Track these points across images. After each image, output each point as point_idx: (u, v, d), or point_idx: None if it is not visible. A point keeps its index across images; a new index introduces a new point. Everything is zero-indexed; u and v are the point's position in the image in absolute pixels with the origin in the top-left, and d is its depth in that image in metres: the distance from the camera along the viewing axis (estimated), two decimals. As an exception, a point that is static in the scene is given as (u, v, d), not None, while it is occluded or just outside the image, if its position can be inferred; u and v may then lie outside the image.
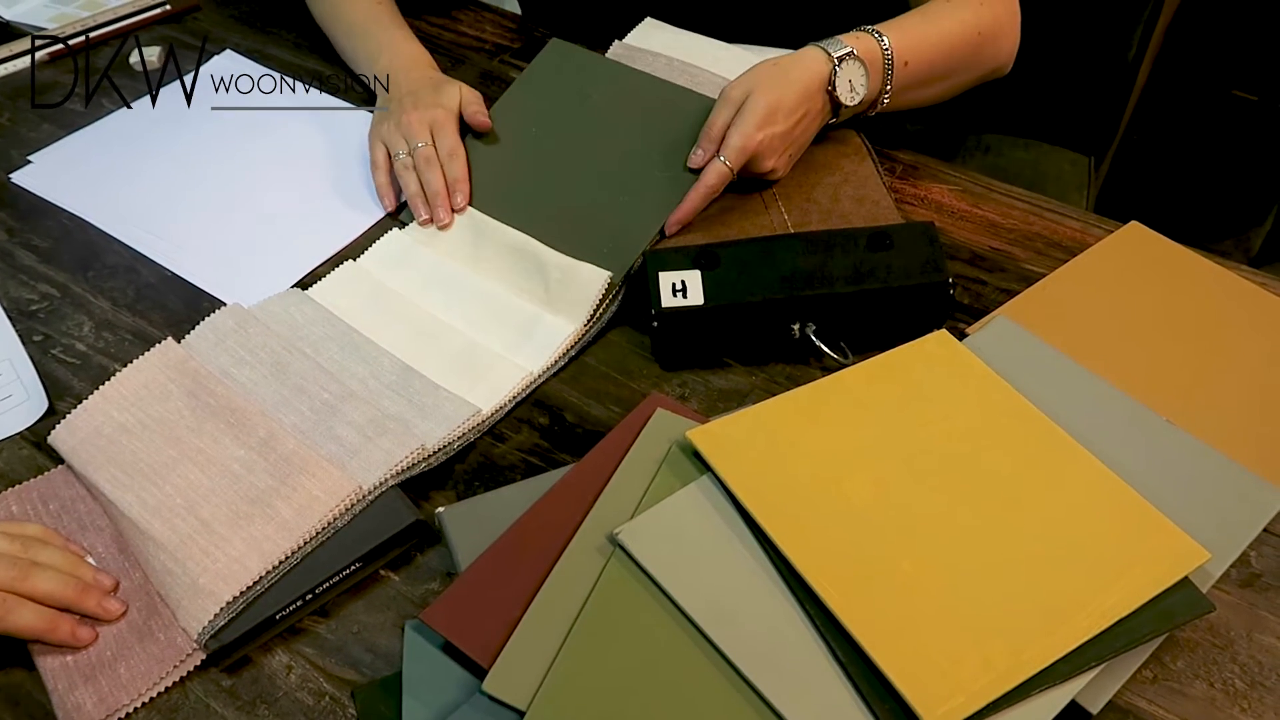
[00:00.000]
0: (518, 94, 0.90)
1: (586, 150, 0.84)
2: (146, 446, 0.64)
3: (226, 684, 0.56)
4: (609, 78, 0.89)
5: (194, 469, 0.63)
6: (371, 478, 0.61)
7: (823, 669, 0.51)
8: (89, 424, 0.66)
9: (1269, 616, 0.57)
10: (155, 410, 0.66)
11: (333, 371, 0.69)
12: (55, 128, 0.95)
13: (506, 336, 0.72)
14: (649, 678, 0.51)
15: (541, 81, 0.90)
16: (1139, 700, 0.54)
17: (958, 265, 0.79)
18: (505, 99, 0.90)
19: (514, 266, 0.77)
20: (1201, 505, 0.60)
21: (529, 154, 0.85)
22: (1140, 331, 0.72)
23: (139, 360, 0.69)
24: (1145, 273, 0.77)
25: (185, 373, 0.68)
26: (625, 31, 0.98)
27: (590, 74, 0.89)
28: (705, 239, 0.77)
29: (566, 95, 0.88)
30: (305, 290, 0.76)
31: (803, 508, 0.57)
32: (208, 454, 0.64)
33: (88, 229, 0.84)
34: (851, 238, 0.71)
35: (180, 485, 0.62)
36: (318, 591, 0.59)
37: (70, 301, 0.78)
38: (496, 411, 0.68)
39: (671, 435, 0.62)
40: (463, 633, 0.53)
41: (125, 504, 0.61)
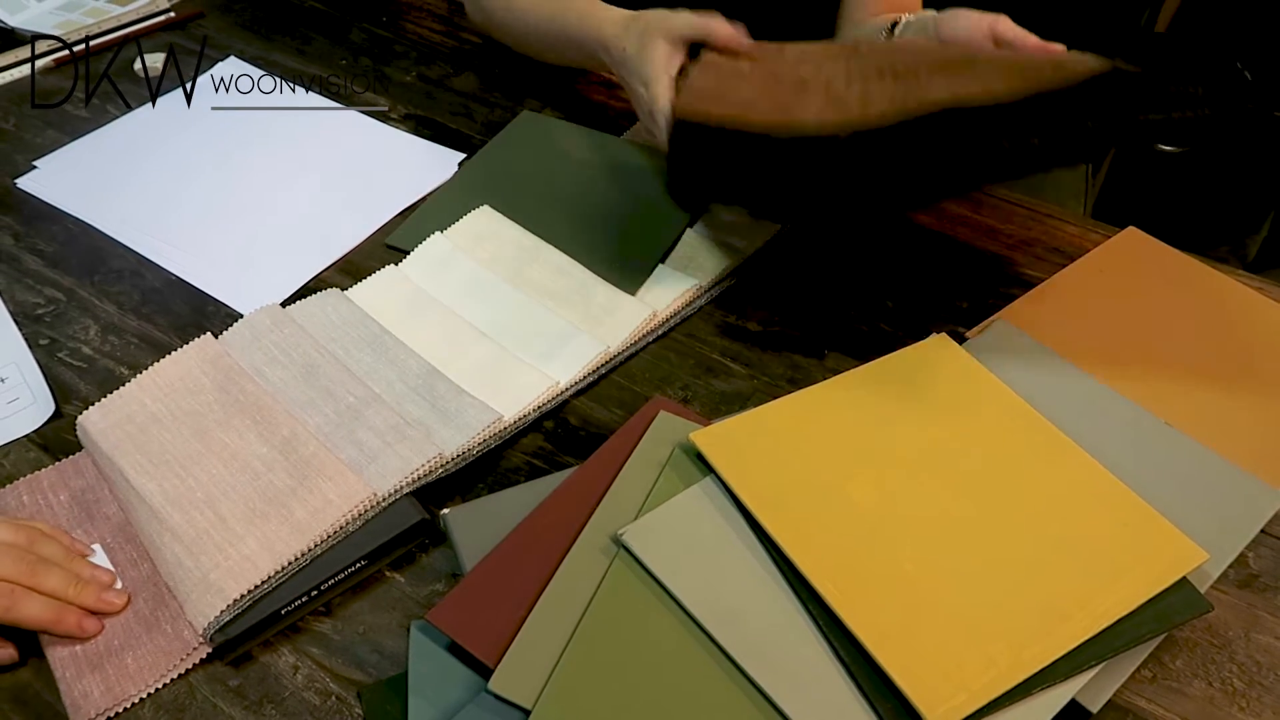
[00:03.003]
0: (493, 151, 0.92)
1: (580, 189, 0.87)
2: (175, 437, 0.65)
3: (233, 683, 0.56)
4: (585, 139, 0.92)
5: (217, 463, 0.64)
6: (387, 485, 0.62)
7: (825, 668, 0.52)
8: (123, 410, 0.67)
9: (1267, 616, 0.58)
10: (187, 403, 0.67)
11: (360, 375, 0.69)
12: (60, 134, 0.95)
13: (538, 347, 0.72)
14: (653, 677, 0.52)
15: (516, 142, 0.93)
16: (1138, 699, 0.54)
17: (958, 269, 0.80)
18: (478, 157, 0.91)
19: (556, 285, 0.77)
20: (1200, 507, 0.60)
21: (531, 190, 0.87)
22: (1138, 335, 0.73)
23: (177, 353, 0.70)
24: (1143, 277, 0.77)
25: (219, 368, 0.69)
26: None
27: (565, 135, 0.92)
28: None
29: (545, 152, 0.91)
30: (344, 291, 0.76)
31: (805, 509, 0.57)
32: (232, 449, 0.64)
33: (93, 233, 0.85)
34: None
35: (202, 479, 0.63)
36: (323, 588, 0.59)
37: (76, 305, 0.79)
38: (519, 420, 0.68)
39: (674, 437, 0.63)
40: (468, 633, 0.53)
41: (147, 492, 0.62)
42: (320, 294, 0.75)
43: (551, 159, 0.90)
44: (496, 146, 0.92)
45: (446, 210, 0.84)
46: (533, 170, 0.89)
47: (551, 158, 0.90)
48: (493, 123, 0.96)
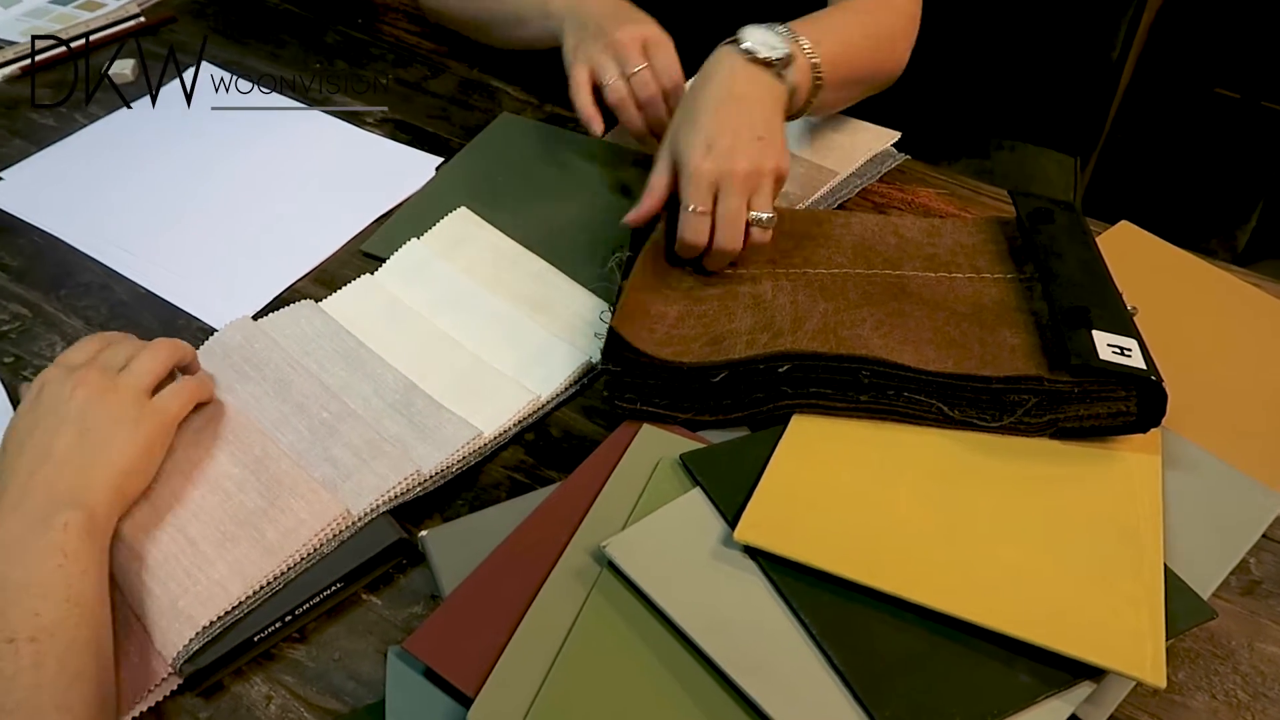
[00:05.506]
0: (471, 155, 0.90)
1: (560, 193, 0.85)
2: None
3: (204, 715, 0.54)
4: (565, 142, 0.90)
5: (186, 483, 0.61)
6: (362, 503, 0.60)
7: (820, 679, 0.50)
8: None
9: (1270, 625, 0.56)
10: None
11: (335, 390, 0.67)
12: (28, 143, 0.93)
13: (518, 359, 0.70)
14: (640, 700, 0.50)
15: (495, 145, 0.91)
16: (1140, 714, 0.53)
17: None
18: (456, 161, 0.90)
19: (536, 293, 0.75)
20: (1200, 512, 0.59)
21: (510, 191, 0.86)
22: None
23: None
24: (1137, 272, 0.75)
25: None
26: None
27: (545, 138, 0.91)
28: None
29: (525, 155, 0.89)
30: (318, 303, 0.74)
31: (872, 546, 0.55)
32: (201, 469, 0.62)
33: (60, 246, 0.82)
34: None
35: (170, 500, 0.60)
36: (297, 613, 0.57)
37: (42, 321, 0.76)
38: (500, 436, 0.66)
39: (658, 451, 0.61)
40: (448, 661, 0.51)
41: None
42: (293, 306, 0.73)
43: (531, 163, 0.88)
44: (475, 150, 0.90)
45: (423, 216, 0.82)
46: (512, 174, 0.87)
47: (531, 161, 0.88)
48: (471, 126, 0.94)
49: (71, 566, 0.52)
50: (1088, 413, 0.60)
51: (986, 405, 0.61)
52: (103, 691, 0.50)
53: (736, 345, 0.63)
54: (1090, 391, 0.59)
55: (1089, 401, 0.59)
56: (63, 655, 0.49)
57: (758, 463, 0.59)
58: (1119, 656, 0.49)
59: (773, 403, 0.62)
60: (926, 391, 0.61)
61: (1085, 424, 0.60)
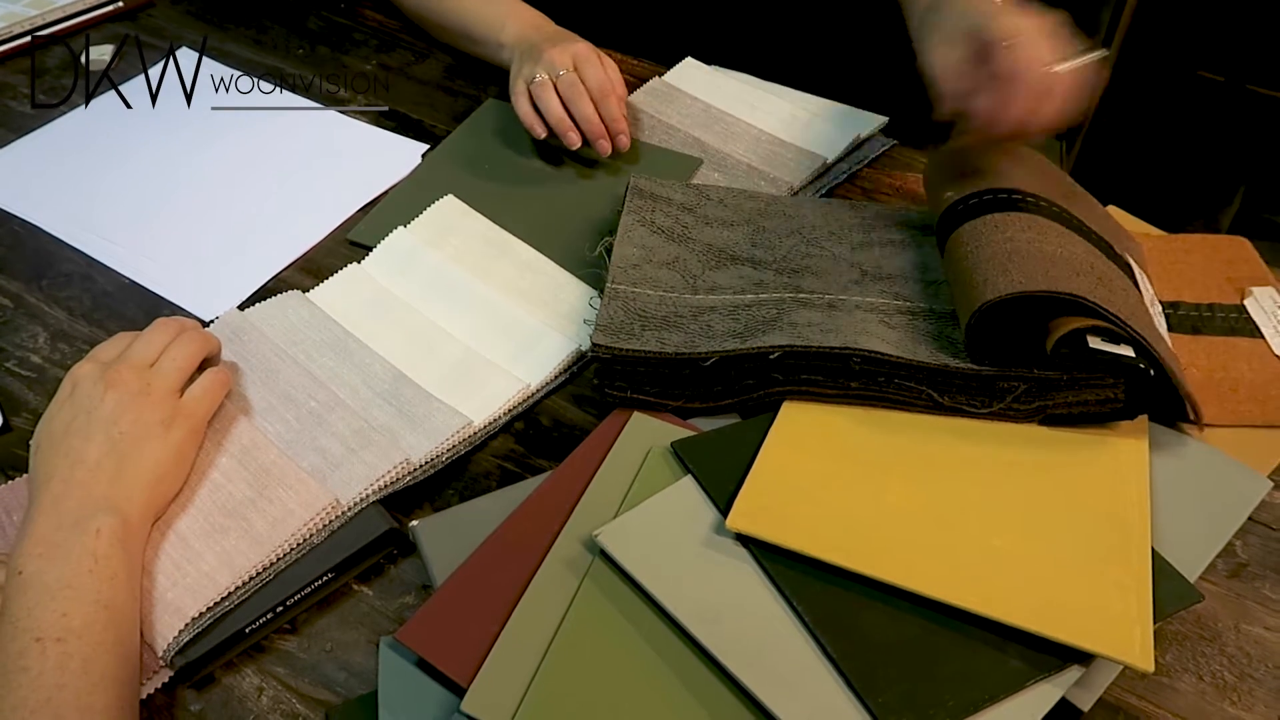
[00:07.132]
0: (458, 141, 0.90)
1: (548, 180, 0.86)
2: None
3: (195, 708, 0.54)
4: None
5: None
6: (351, 492, 0.60)
7: (813, 667, 0.50)
8: None
9: (1256, 606, 0.57)
10: None
11: (323, 379, 0.66)
12: (6, 131, 0.92)
13: (507, 348, 0.70)
14: (633, 690, 0.50)
15: (482, 131, 0.91)
16: (1129, 696, 0.53)
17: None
18: (443, 148, 0.89)
19: (525, 282, 0.75)
20: (1187, 495, 0.59)
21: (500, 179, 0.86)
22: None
23: None
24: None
25: None
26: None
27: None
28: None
29: (512, 141, 0.89)
30: (306, 294, 0.73)
31: (864, 533, 0.55)
32: None
33: (40, 236, 0.81)
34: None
35: None
36: (288, 604, 0.57)
37: (24, 312, 0.76)
38: (490, 424, 0.66)
39: (649, 438, 0.61)
40: (440, 651, 0.51)
41: None
42: (280, 296, 0.73)
43: (518, 149, 0.88)
44: (461, 136, 0.90)
45: (410, 203, 0.81)
46: (499, 161, 0.87)
47: (518, 147, 0.88)
48: (457, 112, 0.93)
49: (102, 571, 0.52)
50: (1076, 399, 0.60)
51: (976, 391, 0.61)
52: (127, 695, 0.50)
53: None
54: (1079, 379, 0.59)
55: (1078, 388, 0.60)
56: (89, 657, 0.49)
57: (749, 450, 0.59)
58: (1108, 641, 0.50)
59: (763, 389, 0.62)
60: (916, 379, 0.61)
61: (1074, 410, 0.60)
